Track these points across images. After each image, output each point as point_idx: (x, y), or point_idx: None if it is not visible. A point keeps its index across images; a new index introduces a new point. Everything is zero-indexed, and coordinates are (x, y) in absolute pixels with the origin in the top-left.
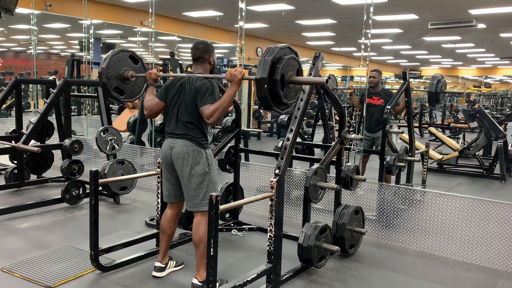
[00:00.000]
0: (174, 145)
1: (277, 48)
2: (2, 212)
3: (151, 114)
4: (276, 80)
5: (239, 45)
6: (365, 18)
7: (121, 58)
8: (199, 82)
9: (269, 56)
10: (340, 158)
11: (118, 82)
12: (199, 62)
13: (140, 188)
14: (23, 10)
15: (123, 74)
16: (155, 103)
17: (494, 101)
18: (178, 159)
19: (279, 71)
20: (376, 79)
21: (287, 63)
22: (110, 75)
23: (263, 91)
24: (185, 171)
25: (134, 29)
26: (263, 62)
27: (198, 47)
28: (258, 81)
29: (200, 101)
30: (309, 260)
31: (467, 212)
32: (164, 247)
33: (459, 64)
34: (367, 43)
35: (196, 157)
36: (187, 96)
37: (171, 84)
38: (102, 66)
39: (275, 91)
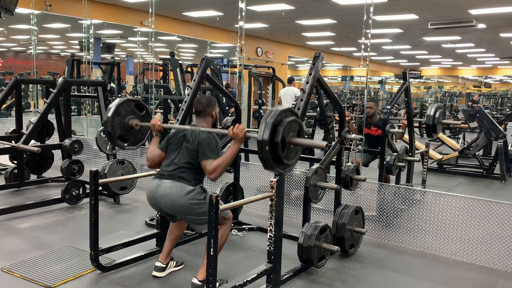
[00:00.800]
0: (160, 186)
1: (279, 112)
2: (2, 212)
3: (152, 165)
4: (277, 142)
5: (239, 45)
6: (365, 18)
7: (127, 107)
8: (203, 135)
9: (271, 118)
10: (340, 158)
11: (123, 130)
12: (201, 116)
13: (140, 188)
14: (23, 10)
15: (128, 123)
16: (157, 155)
17: (494, 101)
18: (168, 201)
19: (280, 134)
20: (372, 110)
21: (289, 125)
22: (115, 124)
23: (264, 152)
24: (178, 213)
25: (134, 29)
26: (265, 124)
27: (201, 102)
28: (260, 143)
29: (203, 155)
30: (309, 260)
31: (467, 212)
32: (168, 248)
33: (459, 64)
34: (367, 43)
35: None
36: (189, 146)
37: (174, 135)
38: (108, 115)
39: (276, 153)
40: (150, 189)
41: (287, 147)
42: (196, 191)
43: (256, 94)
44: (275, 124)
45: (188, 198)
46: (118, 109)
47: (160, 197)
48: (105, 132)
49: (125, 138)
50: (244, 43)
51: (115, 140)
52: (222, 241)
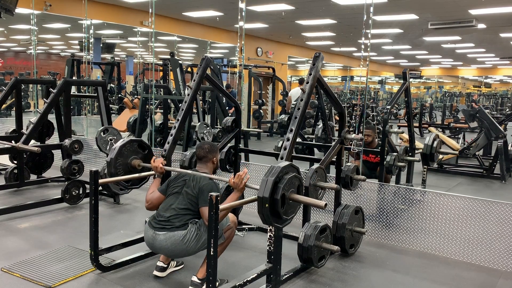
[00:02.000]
0: (156, 239)
1: (280, 169)
2: (2, 212)
3: (150, 207)
4: (277, 199)
5: (239, 45)
6: (365, 18)
7: (129, 148)
8: (204, 182)
9: (271, 176)
10: (340, 158)
11: (126, 171)
12: (203, 162)
13: (140, 188)
14: (23, 10)
15: (131, 163)
16: (156, 197)
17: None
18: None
19: (280, 191)
20: (370, 137)
21: (289, 181)
22: (118, 165)
23: (264, 209)
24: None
25: (134, 29)
26: (266, 182)
27: (203, 147)
28: (260, 200)
29: (203, 202)
30: (309, 260)
31: (467, 212)
32: None
33: (459, 64)
34: (367, 43)
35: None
36: (190, 190)
37: (175, 179)
38: (111, 156)
39: (276, 209)
40: (146, 239)
41: (286, 202)
42: (189, 231)
43: (256, 94)
44: (276, 181)
45: (184, 244)
46: (121, 150)
47: (159, 249)
48: (108, 173)
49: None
50: (244, 43)
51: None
52: (227, 243)
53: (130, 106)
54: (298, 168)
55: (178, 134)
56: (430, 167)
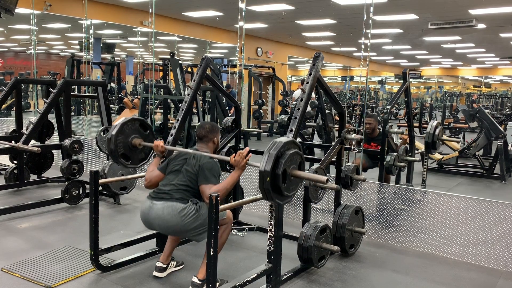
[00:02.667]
0: (152, 208)
1: (282, 144)
2: (2, 212)
3: (149, 185)
4: (278, 174)
5: (239, 45)
6: (365, 18)
7: (131, 126)
8: (205, 160)
9: (274, 150)
10: (340, 158)
11: (126, 149)
12: (204, 141)
13: (140, 188)
14: (23, 10)
15: (131, 142)
16: (155, 175)
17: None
18: (161, 224)
19: (281, 166)
20: (372, 125)
21: (291, 157)
22: (119, 142)
23: (265, 183)
24: (173, 231)
25: (134, 29)
26: (268, 156)
27: (204, 127)
28: (261, 174)
29: (203, 179)
30: (309, 260)
31: (467, 212)
32: (169, 248)
33: (459, 64)
34: (367, 43)
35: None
36: (190, 167)
37: (176, 157)
38: (112, 133)
39: (277, 184)
40: (143, 210)
41: (288, 179)
42: (188, 207)
43: (256, 94)
44: (278, 156)
45: (181, 217)
46: (122, 128)
47: (153, 219)
48: (108, 149)
49: (128, 157)
50: (244, 43)
51: (118, 158)
52: (222, 240)
53: (130, 106)
54: (300, 146)
55: (178, 134)
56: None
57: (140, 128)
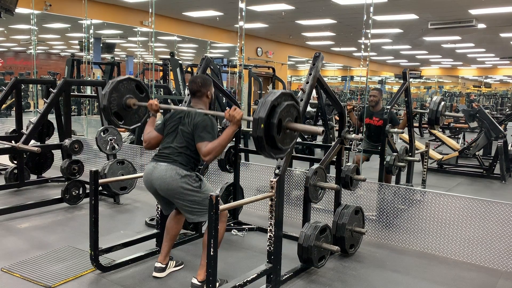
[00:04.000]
0: (156, 168)
1: (280, 93)
2: (2, 212)
3: (149, 147)
4: (273, 123)
5: (239, 45)
6: (365, 18)
7: (127, 85)
8: (199, 118)
9: (270, 98)
10: (340, 158)
11: (119, 108)
12: (197, 96)
13: (140, 188)
14: (23, 10)
15: (126, 101)
16: (153, 136)
17: (494, 101)
18: (162, 184)
19: (277, 115)
20: (376, 98)
21: (287, 108)
22: (113, 99)
23: (258, 130)
24: (172, 196)
25: (134, 29)
26: (263, 103)
27: (196, 81)
28: (255, 121)
29: (198, 137)
30: (309, 260)
31: (467, 212)
32: (166, 248)
33: (459, 64)
34: (367, 43)
35: (181, 179)
36: (185, 127)
37: (171, 117)
38: (107, 90)
39: (271, 134)
40: (146, 171)
41: (283, 131)
42: (192, 177)
43: (256, 94)
44: (274, 104)
45: (182, 182)
46: (117, 86)
47: (156, 179)
48: (101, 106)
49: (121, 116)
50: (244, 43)
51: (111, 116)
52: (219, 239)
53: None
54: (298, 101)
55: None
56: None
57: (136, 90)
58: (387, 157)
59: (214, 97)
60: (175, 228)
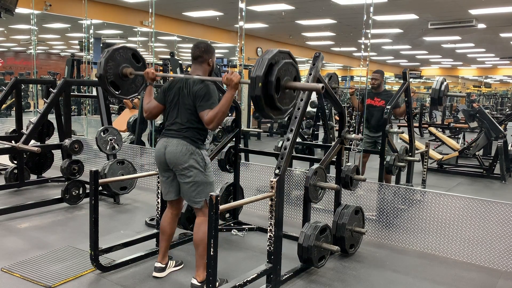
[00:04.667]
0: (168, 144)
1: (277, 51)
2: (2, 212)
3: (150, 117)
4: (271, 81)
5: (239, 45)
6: (365, 18)
7: (123, 54)
8: (197, 87)
9: (267, 55)
10: (340, 158)
11: (116, 77)
12: (198, 62)
13: (140, 188)
14: (23, 10)
15: (122, 71)
16: (154, 106)
17: (494, 101)
18: (172, 158)
19: (275, 73)
20: (378, 81)
21: (285, 67)
22: (109, 68)
23: (256, 89)
24: (179, 169)
25: (134, 29)
26: (260, 61)
27: (199, 46)
28: (253, 80)
29: (200, 107)
30: (309, 260)
31: (467, 212)
32: (164, 247)
33: (459, 64)
34: (367, 43)
35: (190, 155)
36: (185, 99)
37: (170, 86)
38: (102, 58)
39: (269, 93)
40: (158, 147)
41: (281, 90)
42: (201, 155)
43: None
44: (271, 62)
45: (191, 159)
46: (113, 54)
47: (168, 152)
48: (97, 75)
49: (118, 86)
50: (244, 43)
51: (107, 85)
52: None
53: (130, 106)
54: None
55: None
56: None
57: (133, 59)
58: (387, 157)
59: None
60: (170, 227)
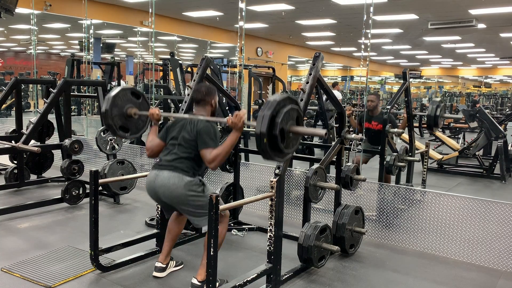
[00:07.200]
0: (159, 176)
1: (277, 101)
2: (2, 212)
3: (152, 155)
4: (275, 135)
5: (239, 45)
6: (365, 18)
7: (123, 97)
8: (202, 125)
9: (268, 110)
10: (340, 158)
11: (122, 120)
12: (201, 105)
13: (140, 188)
14: (23, 10)
15: (127, 112)
16: (156, 144)
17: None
18: (166, 192)
19: (278, 126)
20: (374, 103)
21: (287, 115)
22: (114, 115)
23: (263, 145)
24: (175, 203)
25: (134, 29)
26: (262, 117)
27: (200, 90)
28: (258, 136)
29: (202, 144)
30: (309, 260)
31: (467, 212)
32: (167, 248)
33: (459, 64)
34: (367, 43)
35: (185, 187)
36: (188, 135)
37: (173, 124)
38: (106, 108)
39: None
40: (149, 179)
41: (286, 136)
42: (195, 182)
43: (256, 94)
44: (273, 115)
45: (186, 189)
46: (114, 100)
47: (159, 187)
48: (105, 124)
49: (127, 128)
50: (244, 43)
51: (117, 132)
52: (220, 240)
53: None
54: (296, 100)
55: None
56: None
57: (133, 97)
58: (387, 157)
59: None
60: (176, 228)
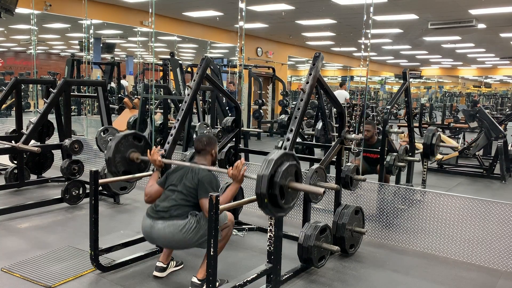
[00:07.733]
0: (154, 227)
1: (273, 161)
2: (2, 212)
3: (149, 201)
4: (275, 194)
5: (239, 45)
6: (365, 18)
7: (125, 142)
8: (203, 173)
9: (266, 171)
10: (340, 158)
11: (125, 165)
12: (201, 154)
13: (140, 188)
14: (23, 10)
15: (129, 157)
16: (155, 190)
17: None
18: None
19: (277, 185)
20: (370, 132)
21: (285, 172)
22: (117, 162)
23: (264, 204)
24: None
25: (134, 29)
26: (261, 178)
27: (201, 140)
28: (258, 196)
29: (203, 193)
30: (309, 260)
31: (467, 212)
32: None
33: (459, 64)
34: (367, 43)
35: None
36: (188, 183)
37: (174, 171)
38: (109, 155)
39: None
40: (144, 229)
41: (285, 192)
42: (189, 222)
43: (256, 94)
44: (271, 175)
45: (183, 234)
46: (118, 147)
47: (157, 238)
48: (108, 171)
49: (129, 172)
50: (244, 43)
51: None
52: (224, 242)
53: (130, 106)
54: (293, 154)
55: (178, 134)
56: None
57: (134, 141)
58: (387, 157)
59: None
60: None
